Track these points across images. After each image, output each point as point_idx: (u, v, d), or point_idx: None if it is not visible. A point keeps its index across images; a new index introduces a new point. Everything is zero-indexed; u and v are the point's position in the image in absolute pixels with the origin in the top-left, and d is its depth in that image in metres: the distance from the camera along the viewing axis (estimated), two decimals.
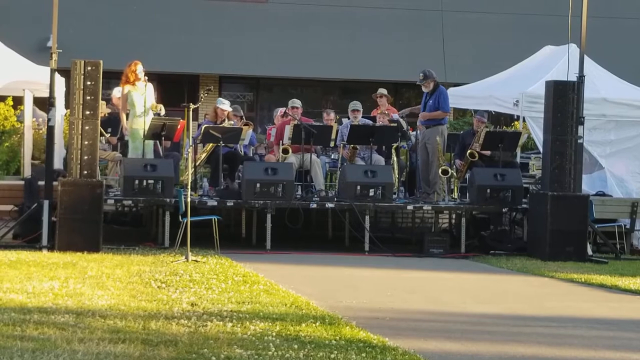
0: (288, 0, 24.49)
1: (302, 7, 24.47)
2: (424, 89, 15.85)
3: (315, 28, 24.68)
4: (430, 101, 15.68)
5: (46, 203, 13.54)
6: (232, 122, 15.76)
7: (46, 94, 14.30)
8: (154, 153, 15.21)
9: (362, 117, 16.61)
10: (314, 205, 15.11)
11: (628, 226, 15.98)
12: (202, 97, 14.97)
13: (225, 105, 15.80)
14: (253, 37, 24.35)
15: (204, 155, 15.46)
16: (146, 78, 14.94)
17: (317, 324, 8.37)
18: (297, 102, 16.09)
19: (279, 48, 24.35)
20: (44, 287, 9.75)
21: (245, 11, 24.75)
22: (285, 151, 15.58)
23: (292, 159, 15.53)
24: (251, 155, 16.58)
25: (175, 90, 15.28)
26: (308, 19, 24.61)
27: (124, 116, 15.08)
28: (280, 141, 15.92)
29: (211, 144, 15.31)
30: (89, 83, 13.78)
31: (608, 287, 11.93)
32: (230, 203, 14.87)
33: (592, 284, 12.16)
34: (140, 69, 14.93)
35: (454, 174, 16.31)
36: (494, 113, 19.20)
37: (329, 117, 16.62)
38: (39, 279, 10.30)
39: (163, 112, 14.97)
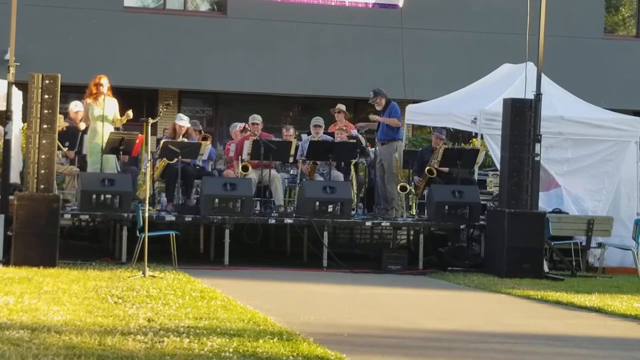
0: (248, 15, 24.47)
1: (262, 23, 24.46)
2: (377, 107, 16.01)
3: (275, 43, 24.68)
4: (384, 116, 15.80)
5: (1, 217, 13.42)
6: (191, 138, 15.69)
7: (3, 107, 14.18)
8: None
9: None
10: (273, 221, 15.10)
11: (584, 243, 16.10)
12: (161, 112, 14.88)
13: (183, 121, 15.64)
14: (212, 52, 24.32)
15: (157, 172, 15.35)
16: (108, 93, 14.88)
17: (275, 340, 8.34)
18: (257, 118, 16.03)
19: (239, 63, 24.32)
20: None
21: (205, 26, 24.71)
22: (244, 168, 15.53)
23: (252, 174, 15.50)
24: (210, 170, 16.52)
25: (134, 104, 15.27)
26: (268, 35, 24.60)
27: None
28: (240, 156, 15.88)
29: (163, 162, 15.21)
30: (46, 97, 13.68)
31: (564, 304, 12.00)
32: (188, 218, 14.82)
33: (548, 300, 12.23)
34: (105, 82, 14.88)
35: (412, 190, 16.38)
36: (452, 130, 19.31)
37: (288, 132, 16.61)
38: None
39: (130, 116, 14.86)
